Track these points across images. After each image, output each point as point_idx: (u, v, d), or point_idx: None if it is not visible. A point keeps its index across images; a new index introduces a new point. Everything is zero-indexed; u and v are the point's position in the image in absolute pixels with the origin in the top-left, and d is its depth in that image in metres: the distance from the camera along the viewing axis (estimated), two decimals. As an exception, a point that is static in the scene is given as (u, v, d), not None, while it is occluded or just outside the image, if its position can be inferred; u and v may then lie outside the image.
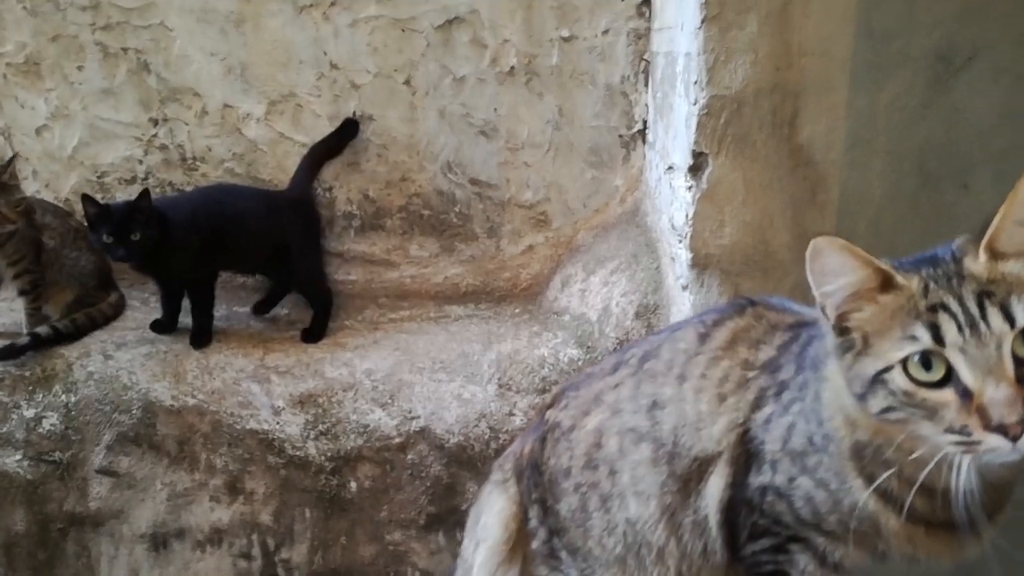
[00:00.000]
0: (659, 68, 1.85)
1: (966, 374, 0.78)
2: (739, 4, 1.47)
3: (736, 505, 1.01)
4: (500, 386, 1.82)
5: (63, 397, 1.78)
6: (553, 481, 1.19)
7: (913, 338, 0.80)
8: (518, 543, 1.25)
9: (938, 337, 0.79)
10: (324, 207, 2.12)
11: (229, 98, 2.04)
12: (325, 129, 2.05)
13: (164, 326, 1.91)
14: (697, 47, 1.50)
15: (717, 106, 1.52)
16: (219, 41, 1.99)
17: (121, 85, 2.03)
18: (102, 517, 1.79)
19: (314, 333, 1.94)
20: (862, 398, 0.85)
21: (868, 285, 0.85)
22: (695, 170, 1.58)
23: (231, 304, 2.04)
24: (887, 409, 0.82)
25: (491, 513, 1.30)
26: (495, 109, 2.03)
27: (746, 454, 1.00)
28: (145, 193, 1.75)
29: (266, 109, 2.05)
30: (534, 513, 1.24)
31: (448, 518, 1.80)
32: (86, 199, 1.74)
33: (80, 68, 2.02)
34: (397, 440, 1.78)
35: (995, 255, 0.83)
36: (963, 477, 0.79)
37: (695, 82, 1.53)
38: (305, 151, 2.06)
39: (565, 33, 1.95)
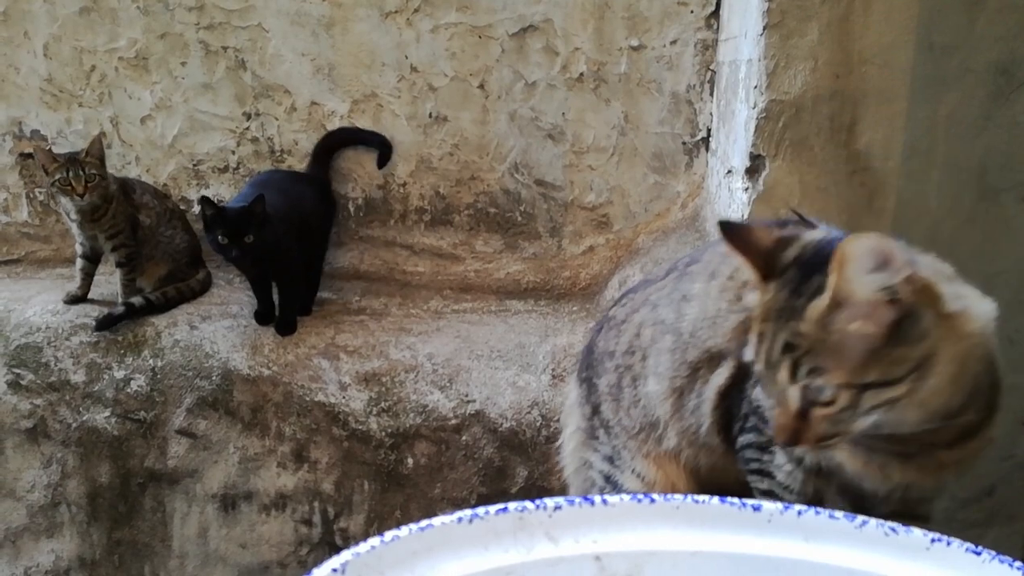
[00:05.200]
0: (724, 77, 1.92)
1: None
2: (800, 12, 1.52)
3: (734, 398, 1.07)
4: (554, 376, 1.90)
5: (151, 361, 1.93)
6: (599, 361, 1.29)
7: (747, 347, 0.92)
8: None
9: (756, 358, 0.90)
10: (398, 201, 2.24)
11: (316, 96, 2.18)
12: (403, 128, 2.18)
13: (265, 316, 1.97)
14: (758, 53, 1.56)
15: (776, 110, 1.57)
16: (310, 43, 2.14)
17: (219, 81, 2.19)
18: (178, 475, 1.93)
19: (290, 322, 1.98)
20: None
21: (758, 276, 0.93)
22: (752, 172, 1.63)
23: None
24: None
25: (568, 402, 1.43)
26: (563, 114, 2.12)
27: None
28: (260, 199, 1.81)
29: (349, 107, 2.18)
30: (583, 392, 1.34)
31: (497, 500, 1.87)
32: (204, 201, 1.80)
33: (183, 64, 2.19)
34: (453, 421, 1.87)
35: (838, 301, 0.85)
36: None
37: (755, 87, 1.59)
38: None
39: (634, 42, 2.04)
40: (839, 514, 0.57)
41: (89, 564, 1.98)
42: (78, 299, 2.03)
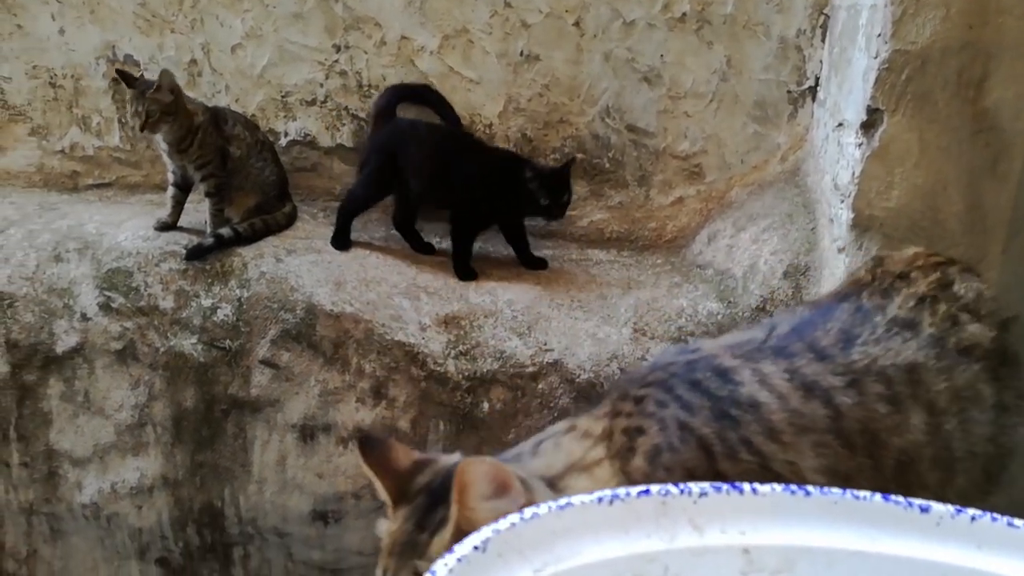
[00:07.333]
0: (839, 22, 1.80)
1: None
2: (937, -46, 1.41)
3: None
4: (635, 330, 1.85)
5: (237, 292, 1.95)
6: None
7: None
8: None
9: None
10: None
11: (407, 30, 2.13)
12: (492, 66, 2.12)
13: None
14: (885, -2, 1.45)
15: (899, 61, 1.47)
16: (402, -27, 2.08)
17: (310, 11, 2.15)
18: (260, 404, 1.96)
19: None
20: None
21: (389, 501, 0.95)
22: (868, 127, 1.54)
23: (390, 227, 2.15)
24: None
25: None
26: (661, 56, 2.02)
27: None
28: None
29: (439, 43, 2.12)
30: None
31: (573, 450, 1.86)
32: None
33: (275, -8, 2.16)
34: (530, 369, 1.85)
35: (461, 532, 0.81)
36: None
37: (878, 35, 1.48)
38: (472, 87, 2.14)
39: (743, -18, 1.92)
40: (1019, 522, 0.53)
41: (172, 483, 2.04)
42: (168, 226, 2.06)
